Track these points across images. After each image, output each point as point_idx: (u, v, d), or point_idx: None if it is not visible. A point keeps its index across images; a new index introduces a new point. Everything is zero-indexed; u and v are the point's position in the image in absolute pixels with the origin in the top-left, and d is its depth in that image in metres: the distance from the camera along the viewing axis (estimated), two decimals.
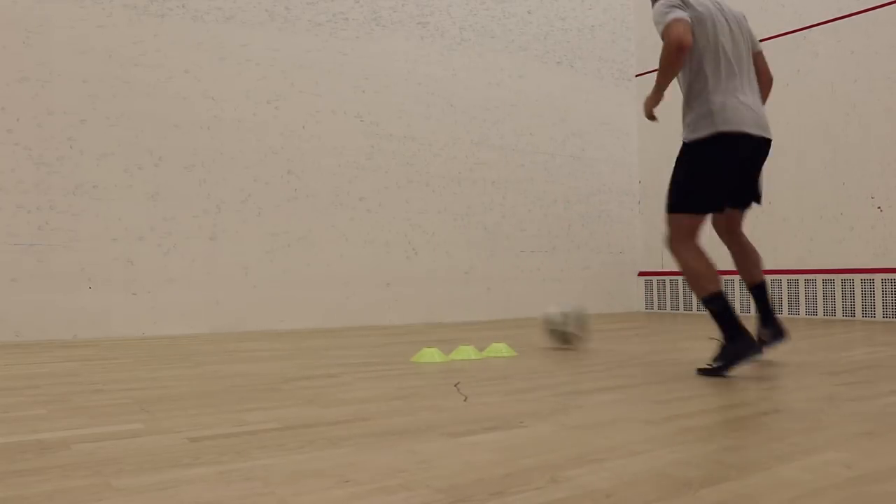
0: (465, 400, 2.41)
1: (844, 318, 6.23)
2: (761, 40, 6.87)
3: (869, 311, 6.09)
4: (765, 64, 3.31)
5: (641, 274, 7.93)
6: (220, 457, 1.67)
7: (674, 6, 2.95)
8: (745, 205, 3.36)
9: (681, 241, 3.07)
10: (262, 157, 5.67)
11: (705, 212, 3.08)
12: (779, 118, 6.74)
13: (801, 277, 6.55)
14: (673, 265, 7.58)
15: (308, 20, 5.93)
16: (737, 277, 6.99)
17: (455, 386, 2.71)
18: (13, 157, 4.77)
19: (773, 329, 3.35)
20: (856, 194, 6.23)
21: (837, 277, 6.31)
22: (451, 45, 6.72)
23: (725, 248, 3.51)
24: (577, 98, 7.58)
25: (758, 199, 3.35)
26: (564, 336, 4.05)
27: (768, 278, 3.75)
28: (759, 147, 3.08)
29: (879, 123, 6.10)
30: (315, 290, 5.86)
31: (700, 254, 3.06)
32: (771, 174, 6.80)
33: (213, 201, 5.44)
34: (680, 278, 7.51)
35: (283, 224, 5.74)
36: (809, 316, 6.48)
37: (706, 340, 4.57)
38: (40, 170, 4.85)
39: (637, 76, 8.01)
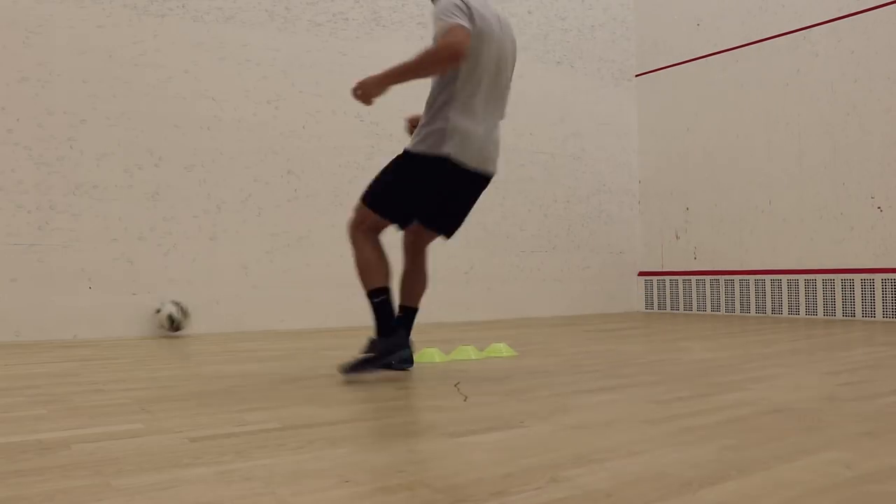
0: (465, 400, 2.41)
1: (844, 318, 6.23)
2: (762, 40, 6.90)
3: (869, 312, 6.09)
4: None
5: (641, 274, 7.93)
6: (220, 457, 1.67)
7: (462, 11, 2.76)
8: (441, 230, 3.15)
9: (362, 231, 3.02)
10: (262, 157, 5.67)
11: (393, 222, 3.03)
12: (778, 118, 6.76)
13: (801, 277, 6.55)
14: (674, 265, 7.59)
15: (308, 20, 5.93)
16: (738, 277, 6.99)
17: (455, 386, 2.71)
18: (13, 157, 4.77)
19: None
20: (856, 194, 6.23)
21: (837, 277, 6.31)
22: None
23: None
24: (577, 98, 7.58)
25: (450, 233, 3.16)
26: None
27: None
28: (477, 182, 3.01)
29: (879, 123, 6.10)
30: (315, 290, 5.85)
31: (377, 247, 3.02)
32: (771, 174, 6.81)
33: (213, 201, 5.44)
34: (680, 278, 7.51)
35: (283, 224, 5.74)
36: (809, 316, 6.48)
37: (707, 340, 4.57)
38: (40, 170, 4.84)
39: (637, 76, 8.01)
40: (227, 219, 5.49)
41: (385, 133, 6.27)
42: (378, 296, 3.00)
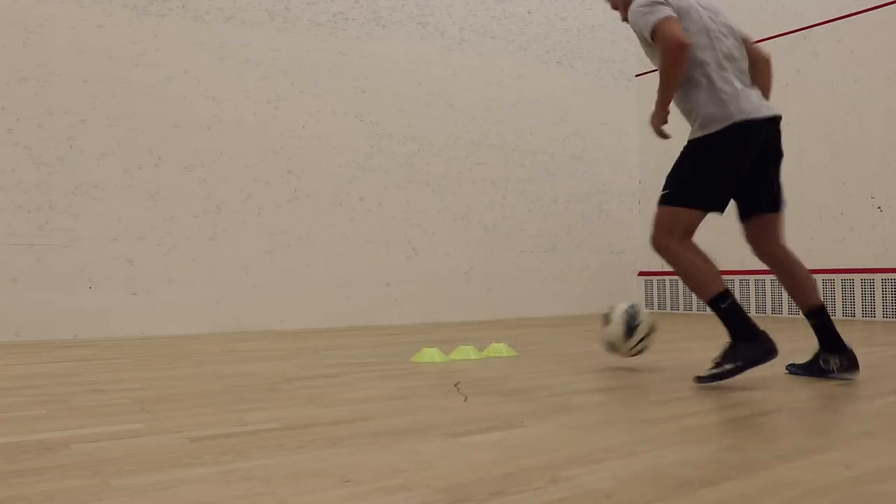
0: (465, 400, 2.41)
1: (844, 318, 6.22)
2: (762, 40, 6.90)
3: (869, 311, 6.09)
4: (756, 48, 2.96)
5: (641, 274, 7.92)
6: (220, 457, 1.67)
7: (655, 2, 2.68)
8: (771, 206, 2.95)
9: (674, 237, 2.72)
10: (262, 157, 5.67)
11: (709, 207, 2.74)
12: None
13: None
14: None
15: (308, 20, 5.93)
16: (738, 277, 7.00)
17: (455, 386, 2.71)
18: (13, 157, 4.77)
19: (846, 356, 2.77)
20: (856, 194, 6.23)
21: (837, 277, 6.30)
22: (451, 45, 6.72)
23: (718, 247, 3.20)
24: (577, 98, 7.58)
25: (778, 200, 2.98)
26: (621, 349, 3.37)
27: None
28: (771, 129, 2.80)
29: (879, 123, 6.10)
30: (315, 290, 5.86)
31: (697, 250, 2.74)
32: None
33: (213, 201, 5.44)
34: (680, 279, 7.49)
35: (283, 224, 5.74)
36: None
37: (706, 340, 4.56)
38: (40, 170, 4.84)
39: (637, 76, 8.01)
40: (227, 219, 5.49)
41: (385, 133, 6.28)
42: (722, 301, 2.66)
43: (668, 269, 2.95)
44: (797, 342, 4.41)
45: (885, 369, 3.13)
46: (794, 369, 2.94)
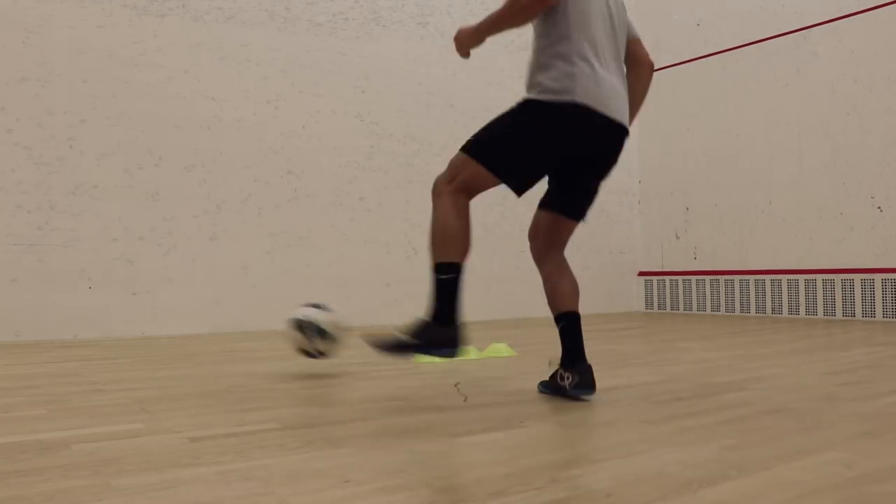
0: (464, 400, 2.41)
1: (844, 318, 6.23)
2: (762, 40, 6.90)
3: (869, 312, 6.09)
4: (643, 51, 2.65)
5: (641, 274, 7.92)
6: (220, 457, 1.67)
7: None
8: (576, 213, 2.69)
9: (454, 189, 2.44)
10: (262, 157, 5.67)
11: (505, 177, 2.47)
12: (779, 118, 6.76)
13: (801, 277, 6.55)
14: (674, 265, 7.59)
15: (308, 20, 5.93)
16: (738, 277, 6.99)
17: (455, 386, 2.71)
18: (13, 157, 4.77)
19: (581, 373, 2.41)
20: (856, 194, 6.23)
21: (837, 277, 6.30)
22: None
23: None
24: None
25: (583, 213, 2.70)
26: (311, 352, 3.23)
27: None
28: (611, 135, 2.43)
29: (879, 123, 6.10)
30: (315, 291, 5.84)
31: (466, 214, 2.45)
32: (771, 174, 6.81)
33: (213, 201, 5.44)
34: (680, 278, 7.51)
35: (283, 224, 5.74)
36: (809, 316, 6.48)
37: (706, 340, 4.57)
38: (40, 170, 4.84)
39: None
40: (227, 219, 5.49)
41: (385, 133, 6.28)
42: (450, 270, 2.37)
43: (669, 269, 2.92)
44: (797, 342, 4.42)
45: (885, 369, 3.13)
46: (541, 388, 2.60)
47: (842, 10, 6.34)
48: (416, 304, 6.27)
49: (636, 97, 2.63)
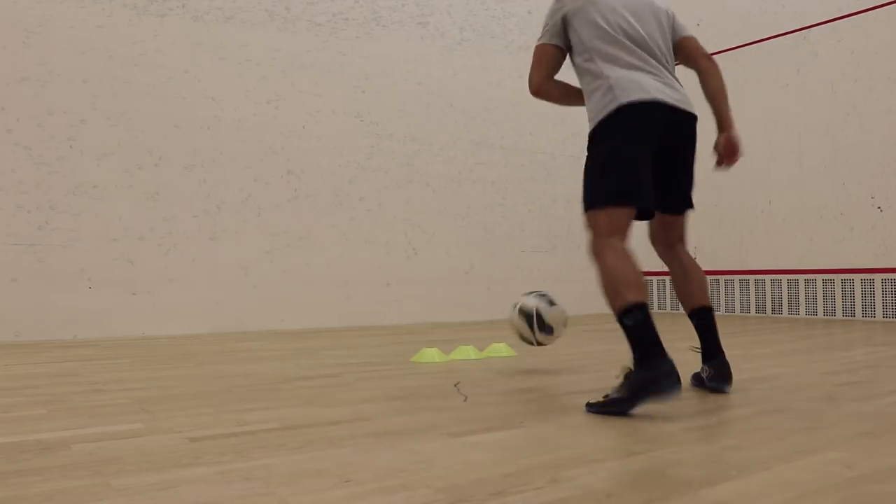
0: (465, 400, 2.41)
1: (844, 318, 6.22)
2: (761, 40, 6.91)
3: (869, 312, 6.09)
4: (697, 48, 2.74)
5: None
6: (220, 457, 1.67)
7: (550, 14, 2.58)
8: (675, 207, 2.70)
9: (603, 240, 2.38)
10: (262, 157, 5.67)
11: (625, 201, 2.39)
12: (779, 118, 6.76)
13: (801, 277, 6.55)
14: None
15: (308, 20, 5.93)
16: (737, 277, 6.99)
17: (455, 386, 2.71)
18: (13, 157, 4.77)
19: (716, 367, 2.56)
20: (856, 194, 6.23)
21: (837, 277, 6.30)
22: (451, 45, 6.72)
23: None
24: None
25: (687, 200, 2.72)
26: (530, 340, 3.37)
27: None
28: (677, 123, 2.52)
29: (879, 123, 6.10)
30: (315, 290, 5.86)
31: (625, 255, 2.36)
32: (771, 174, 6.81)
33: (213, 201, 5.44)
34: None
35: (283, 224, 5.74)
36: (809, 316, 6.48)
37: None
38: (40, 170, 4.84)
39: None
40: (227, 219, 5.49)
41: (385, 133, 6.28)
42: (632, 314, 2.30)
43: (667, 269, 2.93)
44: (797, 342, 4.42)
45: (885, 370, 3.13)
46: (694, 382, 2.68)
47: (841, 10, 6.34)
48: (415, 304, 6.30)
49: (710, 90, 2.78)
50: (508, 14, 7.12)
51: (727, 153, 2.76)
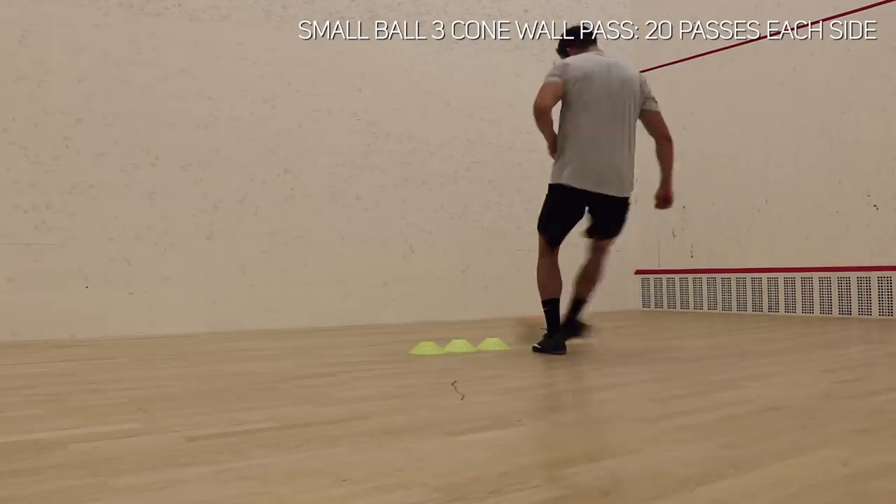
0: (462, 399, 2.41)
1: (841, 315, 6.24)
2: (757, 38, 6.91)
3: (865, 309, 6.11)
4: (660, 125, 3.83)
5: (638, 272, 7.93)
6: (217, 456, 1.67)
7: (559, 68, 3.64)
8: (601, 236, 3.86)
9: (540, 254, 3.90)
10: (259, 157, 5.67)
11: (550, 241, 3.83)
12: (775, 116, 6.77)
13: (798, 275, 6.56)
14: (670, 264, 7.60)
15: (304, 19, 5.92)
16: (734, 276, 7.01)
17: (452, 384, 2.71)
18: (9, 157, 4.76)
19: (568, 329, 3.83)
20: (852, 192, 6.24)
21: (833, 275, 6.32)
22: (447, 44, 6.72)
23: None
24: None
25: (611, 235, 3.87)
26: None
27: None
28: (605, 202, 3.61)
29: (875, 121, 6.11)
30: (312, 290, 5.85)
31: (550, 266, 3.86)
32: (767, 172, 6.82)
33: (210, 200, 5.44)
34: (677, 276, 7.53)
35: (280, 223, 5.73)
36: (806, 314, 6.49)
37: (702, 338, 4.58)
38: (36, 169, 4.83)
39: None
40: (224, 218, 5.49)
41: (381, 132, 6.27)
42: (549, 304, 3.83)
43: (665, 267, 3.04)
44: (794, 340, 4.43)
45: (882, 367, 3.14)
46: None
47: (837, 8, 6.34)
48: (412, 303, 6.30)
49: (664, 164, 3.96)
50: (505, 13, 7.12)
51: (662, 204, 4.04)
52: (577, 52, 3.78)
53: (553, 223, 3.76)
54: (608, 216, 3.73)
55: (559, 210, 3.70)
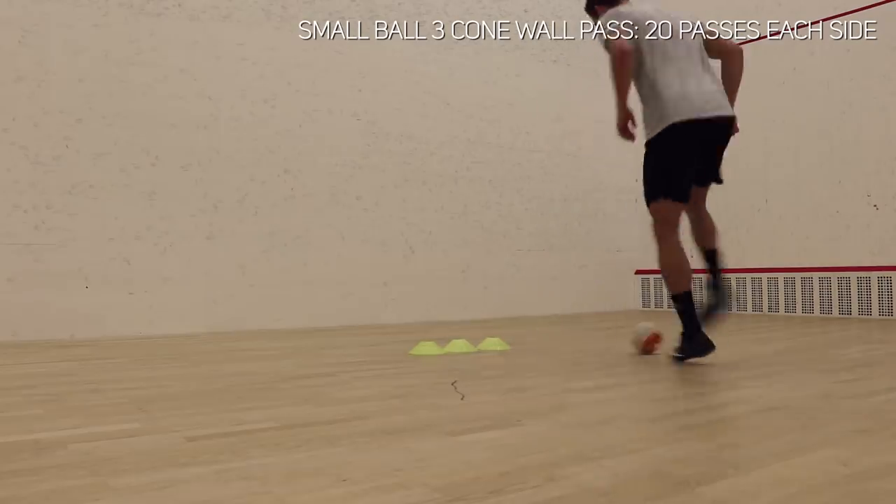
0: (462, 398, 2.41)
1: (841, 316, 6.24)
2: (757, 38, 6.91)
3: (865, 310, 6.11)
4: (724, 41, 3.58)
5: (638, 272, 7.93)
6: (217, 456, 1.67)
7: (613, 22, 3.27)
8: (704, 182, 3.45)
9: (661, 237, 3.33)
10: (259, 157, 5.66)
11: (676, 198, 3.26)
12: (775, 116, 6.77)
13: (798, 275, 6.56)
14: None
15: (305, 19, 5.92)
16: (734, 276, 7.01)
17: (452, 384, 2.71)
18: (9, 157, 4.76)
19: (717, 296, 3.46)
20: (852, 192, 6.24)
21: (833, 275, 6.32)
22: (447, 44, 6.72)
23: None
24: (574, 96, 7.58)
25: (717, 179, 3.47)
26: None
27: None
28: (715, 127, 3.27)
29: (875, 121, 6.11)
30: (312, 290, 5.85)
31: (680, 248, 3.32)
32: (767, 172, 6.82)
33: (210, 200, 5.44)
34: None
35: (280, 223, 5.73)
36: (806, 314, 6.49)
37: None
38: (36, 169, 4.84)
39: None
40: (224, 218, 5.49)
41: (381, 132, 6.27)
42: (683, 299, 3.34)
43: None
44: (794, 340, 4.42)
45: (882, 367, 3.14)
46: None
47: (837, 8, 6.34)
48: (412, 303, 6.30)
49: (731, 81, 3.57)
50: (505, 13, 7.12)
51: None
52: (608, 7, 3.47)
53: (675, 178, 3.25)
54: (716, 151, 3.39)
55: (677, 157, 3.23)
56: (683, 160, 3.24)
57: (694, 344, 3.24)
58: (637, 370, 3.12)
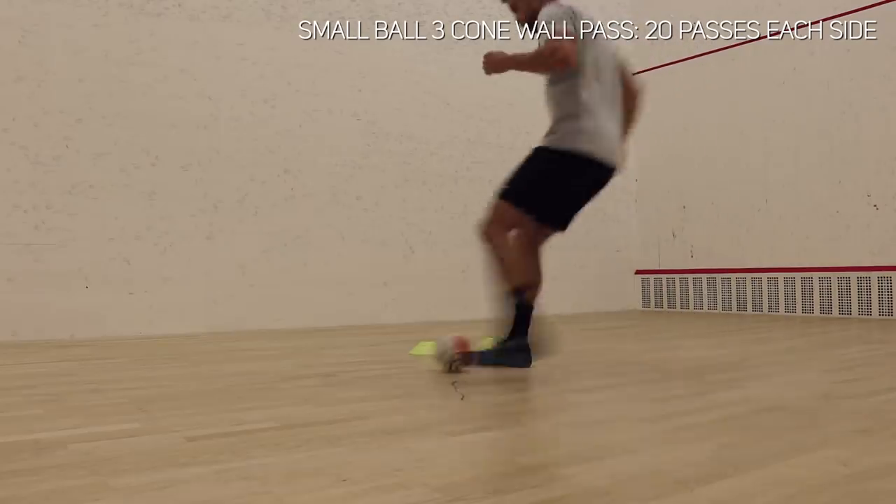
0: (462, 398, 2.41)
1: (841, 316, 6.24)
2: (758, 38, 6.91)
3: (865, 309, 6.11)
4: (630, 78, 3.34)
5: (638, 272, 7.93)
6: (218, 456, 1.67)
7: (570, 19, 2.92)
8: (560, 227, 3.28)
9: (499, 229, 3.08)
10: (259, 157, 5.66)
11: (541, 220, 3.12)
12: (774, 116, 6.77)
13: (798, 276, 6.56)
14: (670, 264, 7.59)
15: (305, 19, 5.92)
16: (734, 276, 7.01)
17: (452, 384, 2.71)
18: (9, 157, 4.76)
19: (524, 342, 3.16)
20: (852, 192, 6.24)
21: (833, 275, 6.32)
22: (447, 44, 6.71)
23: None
24: None
25: (565, 227, 3.27)
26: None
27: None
28: (608, 175, 3.10)
29: (875, 121, 6.11)
30: (312, 290, 5.85)
31: (511, 245, 3.08)
32: (767, 172, 6.82)
33: (210, 200, 5.44)
34: (677, 276, 7.52)
35: (280, 223, 5.73)
36: (806, 314, 6.49)
37: (702, 338, 4.57)
38: (36, 169, 4.83)
39: (634, 74, 8.00)
40: (224, 218, 5.49)
41: (381, 132, 6.27)
42: (520, 295, 3.05)
43: (665, 267, 3.03)
44: (793, 340, 4.43)
45: (882, 367, 3.14)
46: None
47: (837, 8, 6.34)
48: (413, 303, 6.30)
49: (630, 122, 3.33)
50: (505, 12, 7.10)
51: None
52: None
53: (555, 203, 3.13)
54: (591, 197, 3.21)
55: (569, 186, 3.07)
56: (574, 192, 3.11)
57: (515, 353, 2.99)
58: (636, 370, 3.12)
